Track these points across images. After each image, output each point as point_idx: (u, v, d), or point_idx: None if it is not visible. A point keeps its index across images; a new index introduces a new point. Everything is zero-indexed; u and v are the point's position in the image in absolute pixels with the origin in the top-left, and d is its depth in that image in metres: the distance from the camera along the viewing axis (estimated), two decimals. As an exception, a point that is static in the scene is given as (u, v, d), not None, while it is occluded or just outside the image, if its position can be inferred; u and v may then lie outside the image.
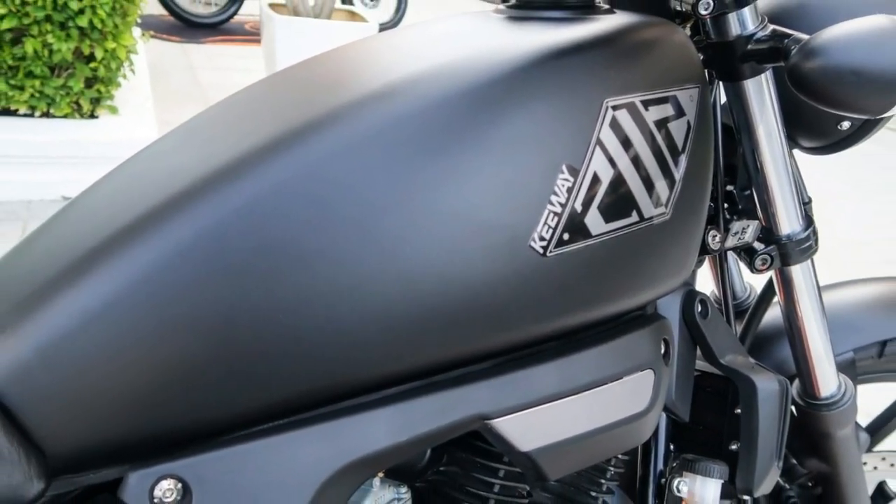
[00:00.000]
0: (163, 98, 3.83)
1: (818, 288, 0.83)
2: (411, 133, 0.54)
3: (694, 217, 0.69)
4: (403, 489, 0.70)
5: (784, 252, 0.79)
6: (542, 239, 0.57)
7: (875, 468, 1.09)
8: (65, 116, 2.82)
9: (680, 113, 0.66)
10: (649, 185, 0.63)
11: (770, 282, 0.88)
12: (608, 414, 0.64)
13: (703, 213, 0.71)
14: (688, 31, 0.76)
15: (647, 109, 0.63)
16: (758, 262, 0.80)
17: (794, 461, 0.99)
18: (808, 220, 0.80)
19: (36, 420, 0.50)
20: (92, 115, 2.89)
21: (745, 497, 0.88)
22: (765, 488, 0.79)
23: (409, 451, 0.57)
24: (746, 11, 0.70)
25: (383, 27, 5.64)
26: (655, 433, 0.82)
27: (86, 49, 2.69)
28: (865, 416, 1.18)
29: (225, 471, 0.53)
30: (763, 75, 0.73)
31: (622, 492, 0.87)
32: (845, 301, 1.01)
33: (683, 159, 0.66)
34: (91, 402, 0.51)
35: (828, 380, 0.87)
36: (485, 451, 0.68)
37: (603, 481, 0.76)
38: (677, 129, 0.65)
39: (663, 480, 0.81)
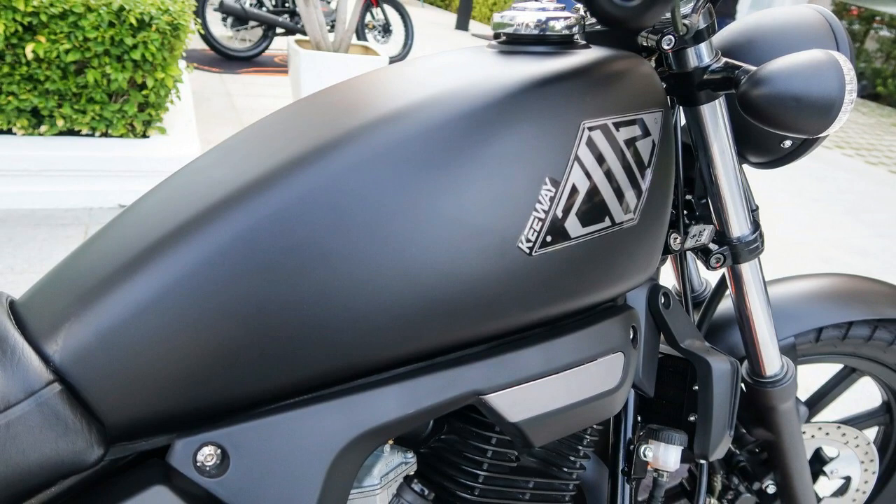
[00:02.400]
0: (204, 120, 3.83)
1: (764, 282, 0.83)
2: (416, 150, 0.54)
3: (658, 222, 0.69)
4: (410, 454, 0.70)
5: (735, 252, 0.79)
6: (528, 241, 0.57)
7: (813, 436, 1.09)
8: (121, 136, 2.82)
9: (646, 133, 0.65)
10: (620, 195, 0.63)
11: (723, 277, 0.88)
12: (585, 390, 0.64)
13: (666, 218, 0.71)
14: (653, 63, 0.76)
15: (618, 130, 0.62)
16: (712, 261, 0.80)
17: (744, 430, 0.99)
18: (756, 225, 0.80)
19: (96, 395, 0.50)
20: (144, 135, 2.89)
21: (702, 461, 0.88)
22: (718, 454, 0.79)
23: (414, 422, 0.57)
24: (703, 47, 0.70)
25: (393, 60, 5.64)
26: (625, 406, 0.82)
27: (139, 79, 2.68)
28: (805, 392, 1.19)
29: (257, 438, 0.53)
30: (717, 101, 0.73)
31: (597, 457, 0.88)
32: (787, 293, 1.01)
33: (649, 173, 0.66)
34: (144, 380, 0.51)
35: (772, 361, 0.87)
36: (479, 421, 0.68)
37: (580, 448, 0.76)
38: (644, 147, 0.65)
39: (632, 447, 0.81)
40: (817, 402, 1.14)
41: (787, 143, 0.80)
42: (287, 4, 5.62)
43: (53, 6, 2.43)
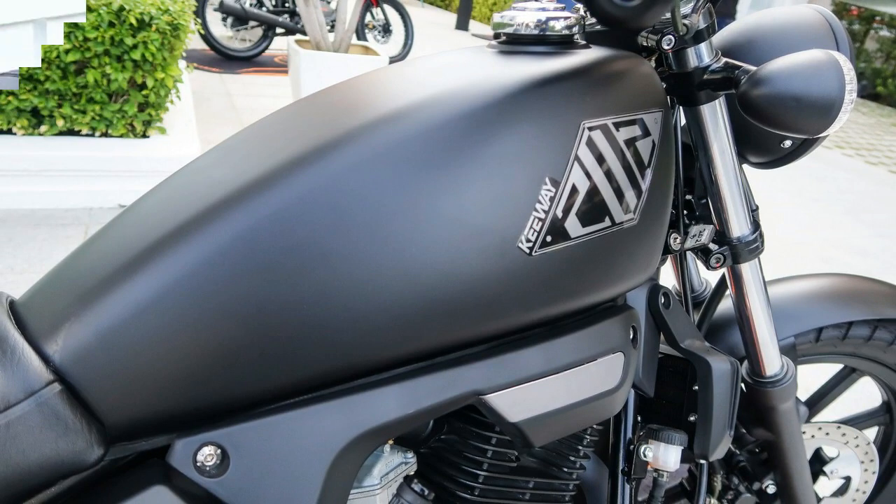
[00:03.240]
0: (204, 120, 3.83)
1: (764, 282, 0.83)
2: (416, 150, 0.54)
3: (658, 222, 0.69)
4: (410, 454, 0.70)
5: (735, 252, 0.79)
6: (528, 241, 0.57)
7: (813, 436, 1.09)
8: (121, 136, 2.82)
9: (646, 133, 0.65)
10: (620, 195, 0.63)
11: (723, 277, 0.88)
12: (585, 390, 0.64)
13: (666, 218, 0.71)
14: (653, 63, 0.76)
15: (618, 130, 0.62)
16: (712, 261, 0.80)
17: (744, 430, 0.99)
18: (756, 225, 0.80)
19: (96, 395, 0.50)
20: (144, 135, 2.89)
21: (702, 461, 0.88)
22: (718, 454, 0.79)
23: (414, 422, 0.57)
24: (703, 47, 0.70)
25: (393, 60, 5.64)
26: (625, 406, 0.82)
27: (139, 79, 2.69)
28: (805, 392, 1.19)
29: (258, 438, 0.54)
30: (717, 101, 0.73)
31: (597, 457, 0.88)
32: (787, 294, 1.02)
33: (649, 173, 0.66)
34: (144, 380, 0.51)
35: (772, 361, 0.87)
36: (479, 421, 0.68)
37: (580, 448, 0.76)
38: (644, 147, 0.65)
39: (632, 447, 0.81)
40: (817, 402, 1.14)
41: (787, 143, 0.80)
42: (287, 4, 5.62)
43: (53, 6, 2.43)
